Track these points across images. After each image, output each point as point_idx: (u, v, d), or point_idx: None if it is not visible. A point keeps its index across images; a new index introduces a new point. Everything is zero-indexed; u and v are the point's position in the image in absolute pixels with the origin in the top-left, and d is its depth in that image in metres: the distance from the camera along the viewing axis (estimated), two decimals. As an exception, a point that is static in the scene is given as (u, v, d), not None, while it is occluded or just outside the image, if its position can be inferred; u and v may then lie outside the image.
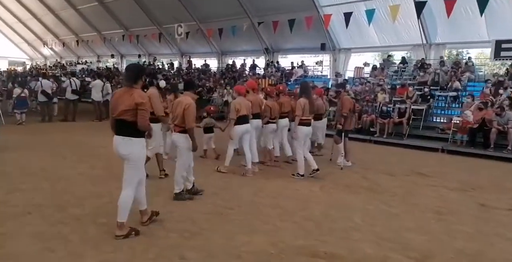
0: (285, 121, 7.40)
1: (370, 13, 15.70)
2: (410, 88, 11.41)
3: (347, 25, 16.32)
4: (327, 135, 8.63)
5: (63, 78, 16.77)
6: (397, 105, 10.90)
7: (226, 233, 3.83)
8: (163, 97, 5.88)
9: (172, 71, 24.16)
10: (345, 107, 7.12)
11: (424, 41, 15.88)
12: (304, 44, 19.74)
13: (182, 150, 4.75)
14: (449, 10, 13.59)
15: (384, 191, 5.55)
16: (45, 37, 33.49)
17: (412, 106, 10.64)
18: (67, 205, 4.47)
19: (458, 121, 9.57)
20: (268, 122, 6.99)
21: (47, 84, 12.07)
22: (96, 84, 13.23)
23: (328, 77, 19.10)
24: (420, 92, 11.46)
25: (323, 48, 18.61)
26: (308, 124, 6.25)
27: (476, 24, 14.36)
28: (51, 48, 34.42)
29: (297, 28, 17.89)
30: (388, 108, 10.48)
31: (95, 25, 28.31)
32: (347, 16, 16.17)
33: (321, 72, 19.58)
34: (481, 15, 13.13)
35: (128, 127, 3.58)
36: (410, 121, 10.28)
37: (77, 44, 30.47)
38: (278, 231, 3.93)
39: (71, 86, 12.31)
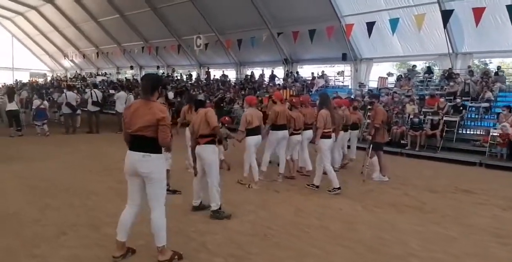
0: (309, 133, 7.21)
1: (394, 23, 15.38)
2: (442, 99, 11.00)
3: (369, 34, 16.04)
4: (358, 148, 8.36)
5: (86, 90, 16.86)
6: (428, 117, 10.49)
7: (274, 258, 3.54)
8: (169, 108, 5.72)
9: (190, 83, 24.18)
10: (377, 118, 6.85)
11: (450, 51, 15.49)
12: (324, 54, 19.51)
13: (212, 162, 4.61)
14: (477, 18, 13.20)
15: (432, 210, 5.18)
16: (66, 49, 34.07)
17: (444, 118, 10.22)
18: (101, 224, 4.25)
19: (496, 134, 9.13)
20: (292, 134, 6.81)
21: (72, 96, 12.06)
22: (121, 96, 13.16)
23: (350, 87, 18.81)
24: (451, 103, 11.03)
25: (344, 58, 18.33)
26: (330, 137, 6.10)
27: (504, 32, 13.93)
28: (72, 60, 34.97)
29: (317, 38, 17.69)
30: (420, 120, 10.08)
31: (115, 37, 28.67)
32: (370, 25, 15.89)
33: (343, 82, 19.26)
34: (512, 22, 12.72)
35: (148, 143, 3.32)
36: (443, 134, 9.85)
37: (97, 56, 30.86)
38: (329, 255, 3.62)
39: (92, 98, 12.27)
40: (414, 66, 17.76)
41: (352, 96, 13.59)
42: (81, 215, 4.57)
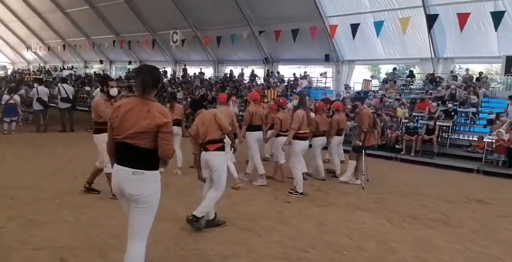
0: (322, 139, 7.17)
1: (378, 25, 15.31)
2: (434, 104, 10.91)
3: (353, 36, 15.90)
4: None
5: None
6: (420, 121, 10.36)
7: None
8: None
9: (165, 80, 23.24)
10: (364, 122, 6.67)
11: (433, 55, 15.59)
12: (306, 55, 19.21)
13: (222, 171, 4.22)
14: (462, 24, 13.30)
15: (459, 224, 4.88)
16: (29, 40, 32.00)
17: (437, 123, 10.11)
18: (106, 247, 3.61)
19: (491, 140, 9.10)
20: (279, 135, 6.54)
21: (43, 91, 11.01)
22: (98, 93, 12.20)
23: (331, 89, 18.64)
24: (443, 108, 10.97)
25: (327, 59, 18.13)
26: (305, 138, 5.88)
27: (487, 39, 14.15)
28: (35, 52, 32.91)
29: (300, 38, 17.35)
30: (415, 125, 9.92)
31: (84, 29, 27.15)
32: (354, 27, 15.75)
33: (325, 84, 19.06)
34: (496, 30, 12.87)
35: (140, 155, 2.58)
36: (439, 139, 9.74)
37: (63, 49, 29.14)
38: (378, 284, 3.20)
39: (60, 94, 11.29)
40: (395, 69, 17.81)
41: (340, 99, 13.34)
42: (78, 234, 3.89)
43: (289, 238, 4.04)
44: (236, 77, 20.60)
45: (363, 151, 6.74)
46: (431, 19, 14.11)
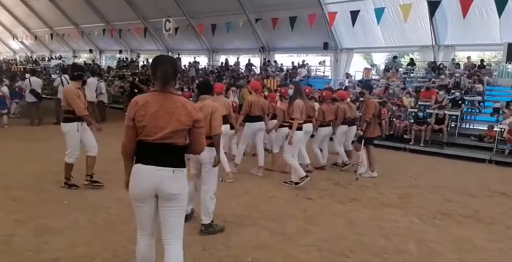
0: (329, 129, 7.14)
1: (379, 12, 14.94)
2: (441, 92, 10.69)
3: (353, 24, 15.51)
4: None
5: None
6: (428, 111, 10.13)
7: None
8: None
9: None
10: (368, 111, 6.45)
11: (433, 43, 15.36)
12: (304, 43, 18.81)
13: (211, 166, 3.88)
14: (465, 10, 13.00)
15: (491, 220, 4.68)
16: (15, 29, 30.94)
17: (445, 112, 9.90)
18: (128, 256, 3.28)
19: (501, 129, 8.94)
20: (281, 126, 6.36)
21: (37, 82, 10.50)
22: (90, 83, 11.70)
23: (329, 78, 18.36)
24: (450, 97, 10.77)
25: (325, 47, 17.78)
26: (300, 129, 5.79)
27: (489, 26, 13.93)
28: (21, 42, 31.87)
29: (297, 26, 16.93)
30: (424, 114, 9.70)
31: (73, 18, 26.28)
32: (354, 14, 15.38)
33: (323, 72, 18.74)
34: (499, 16, 12.64)
35: (178, 154, 2.48)
36: (448, 129, 9.55)
37: (51, 38, 28.20)
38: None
39: (63, 85, 10.78)
40: (395, 57, 17.58)
41: (343, 88, 13.07)
42: (95, 241, 3.58)
43: (323, 241, 3.77)
44: (232, 66, 20.13)
45: (362, 141, 6.56)
46: (433, 6, 13.80)
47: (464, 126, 10.68)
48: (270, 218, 4.34)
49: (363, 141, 6.59)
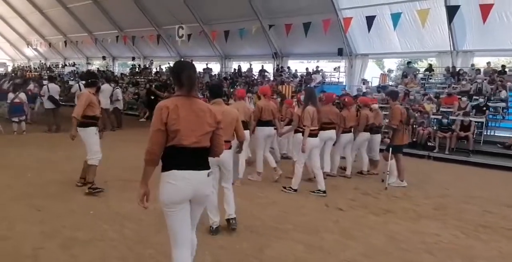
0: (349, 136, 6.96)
1: (396, 17, 14.77)
2: (464, 98, 10.44)
3: (369, 29, 15.37)
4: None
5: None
6: (451, 117, 9.88)
7: None
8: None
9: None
10: (394, 118, 6.26)
11: (451, 48, 15.10)
12: (317, 49, 18.65)
13: (230, 170, 4.13)
14: (484, 15, 12.77)
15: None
16: (30, 37, 31.32)
17: (471, 119, 9.63)
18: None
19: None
20: (297, 131, 6.08)
21: (55, 89, 10.45)
22: (105, 89, 11.66)
23: (344, 84, 18.15)
24: (472, 103, 10.50)
25: (340, 53, 17.60)
26: (315, 135, 5.64)
27: (509, 31, 13.65)
28: (35, 49, 32.23)
29: (311, 32, 16.79)
30: (449, 121, 9.45)
31: (86, 25, 26.51)
32: (370, 20, 15.22)
33: (338, 78, 18.53)
34: (521, 21, 12.42)
35: (207, 156, 2.58)
36: (474, 136, 9.27)
37: (65, 45, 28.43)
38: None
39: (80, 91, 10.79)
40: (409, 62, 17.35)
41: (360, 94, 12.86)
42: (128, 255, 3.42)
43: (365, 256, 3.57)
44: (245, 73, 20.05)
45: (390, 149, 6.37)
46: (452, 11, 13.57)
47: (488, 134, 10.38)
48: (303, 230, 4.16)
49: (390, 149, 6.40)
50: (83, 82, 11.03)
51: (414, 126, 9.83)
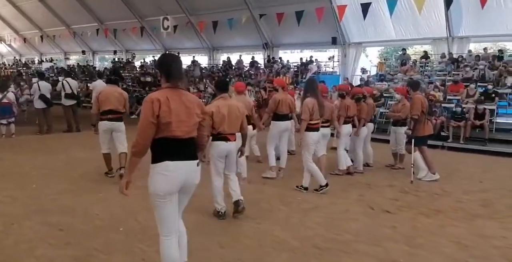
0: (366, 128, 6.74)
1: (392, 4, 14.44)
2: (472, 85, 10.25)
3: (364, 17, 15.02)
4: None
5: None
6: (465, 106, 9.66)
7: None
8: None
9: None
10: (414, 108, 6.00)
11: (448, 34, 14.92)
12: (310, 38, 18.25)
13: (234, 160, 4.39)
14: (483, 0, 12.63)
15: None
16: (2, 32, 29.72)
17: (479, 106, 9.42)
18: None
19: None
20: None
21: (46, 87, 9.69)
22: (98, 86, 10.95)
23: (337, 73, 17.82)
24: (480, 90, 10.33)
25: (334, 42, 17.24)
26: (317, 129, 5.29)
27: (506, 16, 13.53)
28: (9, 45, 30.64)
29: (304, 21, 16.33)
30: (462, 109, 9.22)
31: (64, 18, 25.25)
32: (365, 7, 14.86)
33: (332, 68, 18.17)
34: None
35: (195, 146, 2.68)
36: (488, 124, 9.07)
37: (41, 40, 27.06)
38: None
39: (65, 90, 10.06)
40: (404, 49, 17.13)
41: (363, 83, 12.54)
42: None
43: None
44: (235, 65, 19.48)
45: (412, 141, 6.10)
46: (450, -4, 13.36)
47: (499, 121, 10.23)
48: (364, 240, 3.76)
49: (413, 141, 6.12)
50: (68, 79, 10.44)
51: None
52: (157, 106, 2.41)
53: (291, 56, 20.68)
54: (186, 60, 22.45)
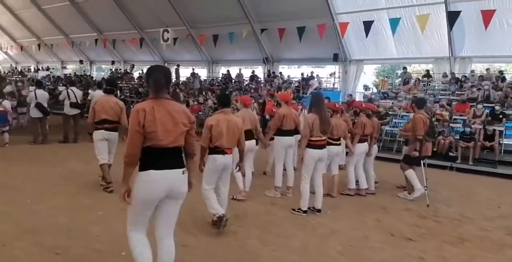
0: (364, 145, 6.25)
1: (394, 23, 14.48)
2: (480, 106, 10.09)
3: (366, 34, 15.00)
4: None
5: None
6: (473, 126, 9.46)
7: None
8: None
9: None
10: (418, 128, 5.79)
11: (450, 54, 14.90)
12: (311, 54, 18.16)
13: (228, 173, 4.39)
14: (486, 21, 12.62)
15: None
16: (-1, 39, 29.48)
17: (487, 127, 9.23)
18: None
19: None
20: (329, 144, 5.52)
21: (43, 96, 9.33)
22: (96, 96, 10.64)
23: (338, 89, 17.70)
24: (487, 111, 10.16)
25: (335, 59, 17.15)
26: (319, 147, 4.95)
27: (509, 37, 13.54)
28: (5, 52, 30.29)
29: (305, 37, 16.27)
30: (471, 130, 9.02)
31: (63, 27, 25.04)
32: (367, 25, 14.86)
33: (333, 84, 18.05)
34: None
35: (182, 155, 2.71)
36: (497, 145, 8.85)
37: (39, 49, 26.77)
38: None
39: (70, 99, 9.76)
40: (405, 68, 17.11)
41: (366, 100, 12.35)
42: None
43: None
44: (235, 78, 19.30)
45: (420, 161, 5.94)
46: (453, 17, 13.36)
47: (507, 142, 10.03)
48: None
49: (421, 161, 5.96)
50: (73, 88, 10.16)
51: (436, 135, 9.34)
52: (142, 116, 2.48)
53: (290, 71, 20.63)
54: (185, 72, 22.37)
